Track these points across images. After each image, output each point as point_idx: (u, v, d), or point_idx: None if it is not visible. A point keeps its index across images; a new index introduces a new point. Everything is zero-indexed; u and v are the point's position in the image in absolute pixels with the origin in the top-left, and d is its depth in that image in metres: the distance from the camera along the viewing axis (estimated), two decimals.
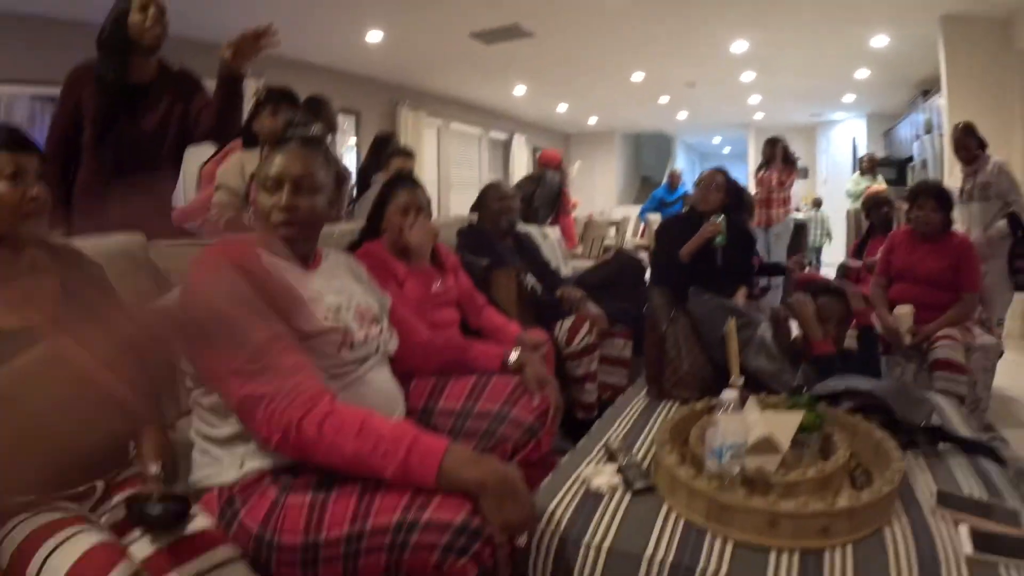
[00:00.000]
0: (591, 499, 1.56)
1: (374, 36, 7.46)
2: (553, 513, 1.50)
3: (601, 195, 15.07)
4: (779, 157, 6.82)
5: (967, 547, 1.33)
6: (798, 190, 14.04)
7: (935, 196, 3.72)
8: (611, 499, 1.56)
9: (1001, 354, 3.81)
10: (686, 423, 1.81)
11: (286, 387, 1.36)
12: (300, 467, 1.42)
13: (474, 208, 3.76)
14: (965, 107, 6.73)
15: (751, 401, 1.78)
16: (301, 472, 1.42)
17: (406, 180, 2.75)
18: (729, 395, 1.45)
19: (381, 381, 1.74)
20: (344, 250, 2.54)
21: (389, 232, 2.59)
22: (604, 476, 1.62)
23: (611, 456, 1.74)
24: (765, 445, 1.53)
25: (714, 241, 3.75)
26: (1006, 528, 1.42)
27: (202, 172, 3.94)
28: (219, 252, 1.53)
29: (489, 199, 3.66)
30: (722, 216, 3.75)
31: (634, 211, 12.41)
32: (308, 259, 1.75)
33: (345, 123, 9.25)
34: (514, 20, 7.07)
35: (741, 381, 1.91)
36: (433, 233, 2.63)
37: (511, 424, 1.91)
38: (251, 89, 6.84)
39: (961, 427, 2.16)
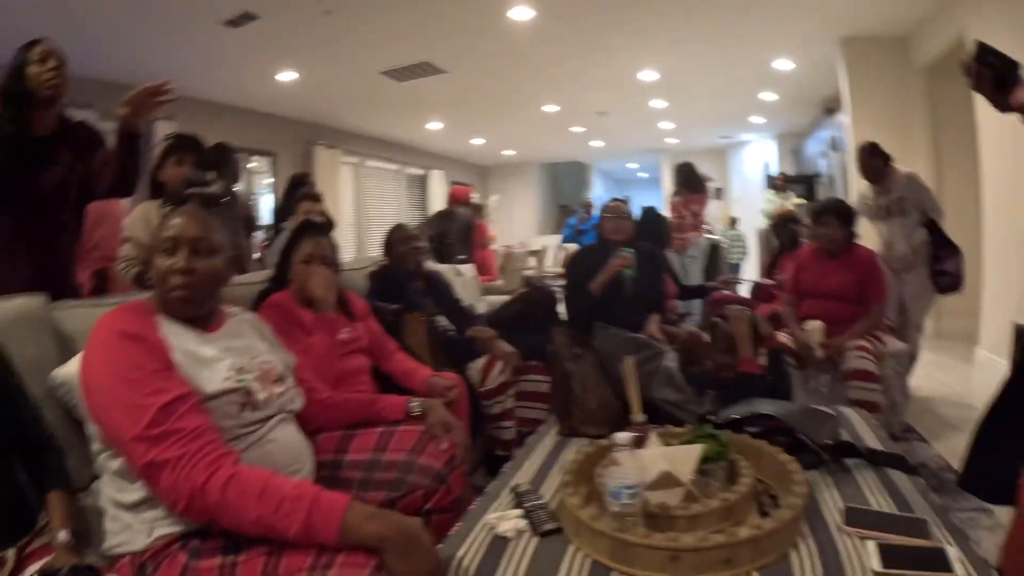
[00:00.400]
0: (498, 544, 1.51)
1: (287, 76, 7.35)
2: (460, 562, 1.45)
3: (520, 226, 15.14)
4: (686, 182, 6.95)
5: (875, 563, 1.32)
6: (714, 210, 14.41)
7: (836, 213, 3.86)
8: (518, 543, 1.51)
9: (915, 358, 3.94)
10: (591, 461, 1.78)
11: (189, 451, 1.36)
12: (209, 531, 1.40)
13: (383, 251, 3.71)
14: (868, 124, 6.98)
15: (653, 436, 1.76)
16: (209, 536, 1.40)
17: (310, 229, 2.72)
18: (623, 436, 1.42)
19: (286, 439, 1.71)
20: (254, 299, 2.58)
21: (294, 282, 2.58)
22: (510, 520, 1.58)
23: (518, 499, 1.70)
24: (666, 480, 1.51)
25: (623, 274, 3.75)
26: (914, 540, 1.42)
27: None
28: (114, 320, 1.53)
29: (395, 242, 3.62)
30: (632, 250, 3.75)
31: (554, 240, 12.54)
32: (209, 320, 1.72)
33: (261, 163, 9.18)
34: (425, 58, 7.08)
35: (643, 418, 1.89)
36: (335, 283, 2.61)
37: (420, 472, 1.91)
38: (164, 131, 6.75)
39: (871, 439, 2.17)
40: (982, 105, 5.22)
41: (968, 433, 1.68)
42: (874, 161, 4.78)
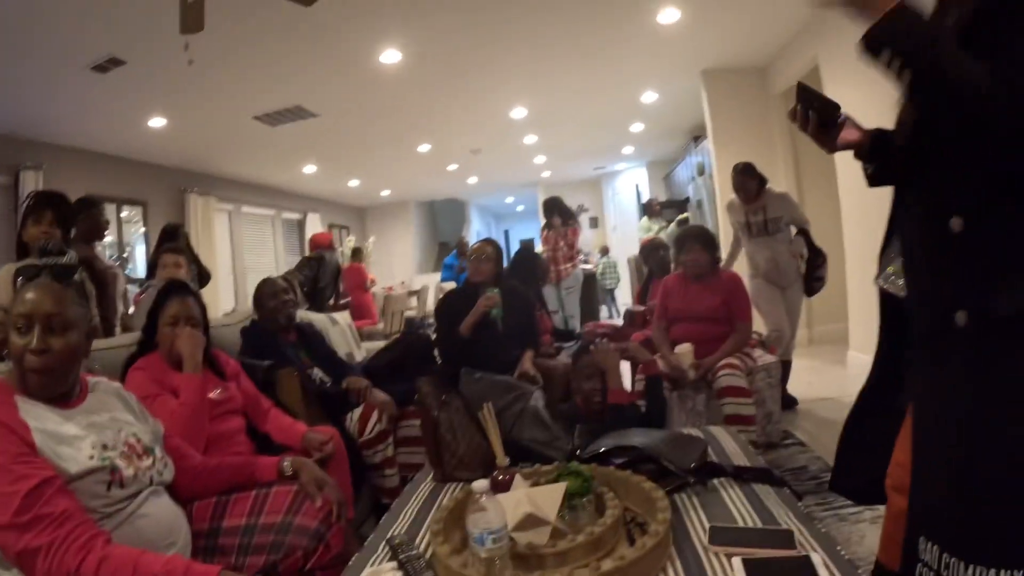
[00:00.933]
0: None
1: (157, 122, 7.11)
2: None
3: (400, 266, 15.10)
4: (556, 215, 7.07)
5: None
6: (590, 239, 14.74)
7: (699, 239, 4.00)
8: None
9: (785, 366, 4.12)
10: (462, 507, 1.75)
11: (59, 537, 1.36)
12: None
13: (253, 307, 3.62)
14: (730, 149, 7.37)
15: (517, 478, 1.76)
16: None
17: (175, 289, 2.65)
18: (480, 484, 1.41)
19: (158, 512, 1.67)
20: (123, 363, 2.50)
21: (161, 345, 2.51)
22: (386, 575, 1.54)
23: (393, 551, 1.65)
24: (531, 521, 1.50)
25: (491, 314, 3.77)
26: (779, 552, 1.45)
27: None
28: None
29: (264, 297, 3.52)
30: (496, 290, 3.78)
31: (434, 279, 12.51)
32: (70, 395, 1.66)
33: (133, 213, 8.75)
34: (296, 102, 7.01)
35: (506, 461, 1.89)
36: (202, 343, 2.53)
37: (297, 532, 1.87)
38: (32, 183, 6.43)
39: (739, 456, 2.22)
40: None
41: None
42: (748, 182, 4.95)
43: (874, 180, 1.56)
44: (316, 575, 1.83)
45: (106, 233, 4.59)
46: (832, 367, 5.96)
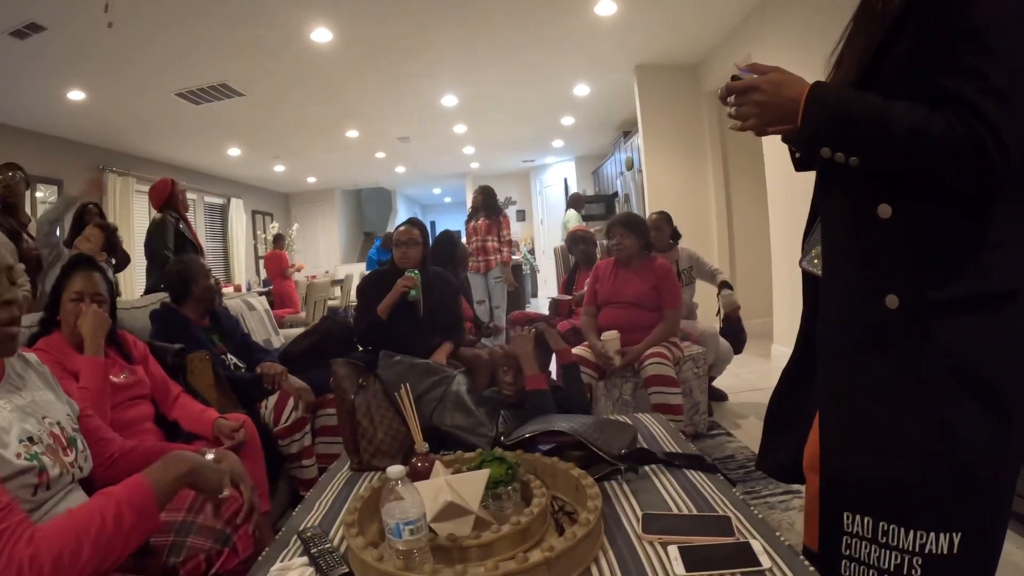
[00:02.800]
0: None
1: (76, 95, 6.72)
2: None
3: (325, 255, 14.84)
4: (484, 206, 6.96)
5: (679, 568, 1.29)
6: (518, 231, 14.75)
7: (625, 224, 3.97)
8: None
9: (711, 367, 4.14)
10: (378, 497, 1.64)
11: (8, 529, 1.17)
12: None
13: (174, 293, 3.33)
14: (660, 145, 7.50)
15: (437, 465, 1.64)
16: None
17: (82, 264, 2.46)
18: (396, 470, 1.30)
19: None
20: (24, 343, 2.29)
21: (64, 322, 2.34)
22: (295, 570, 1.41)
23: (305, 545, 1.53)
24: (452, 510, 1.40)
25: (408, 295, 3.64)
26: (717, 538, 1.41)
27: None
28: None
29: (200, 276, 3.28)
30: (416, 272, 3.66)
31: (359, 268, 12.30)
32: None
33: (47, 192, 8.17)
34: (222, 79, 6.72)
35: (425, 448, 1.77)
36: (107, 323, 2.37)
37: (199, 534, 1.69)
38: None
39: (669, 443, 2.17)
40: None
41: None
42: (662, 234, 4.85)
43: (801, 165, 1.55)
44: None
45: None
46: (757, 360, 6.03)
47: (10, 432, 1.35)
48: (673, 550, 1.36)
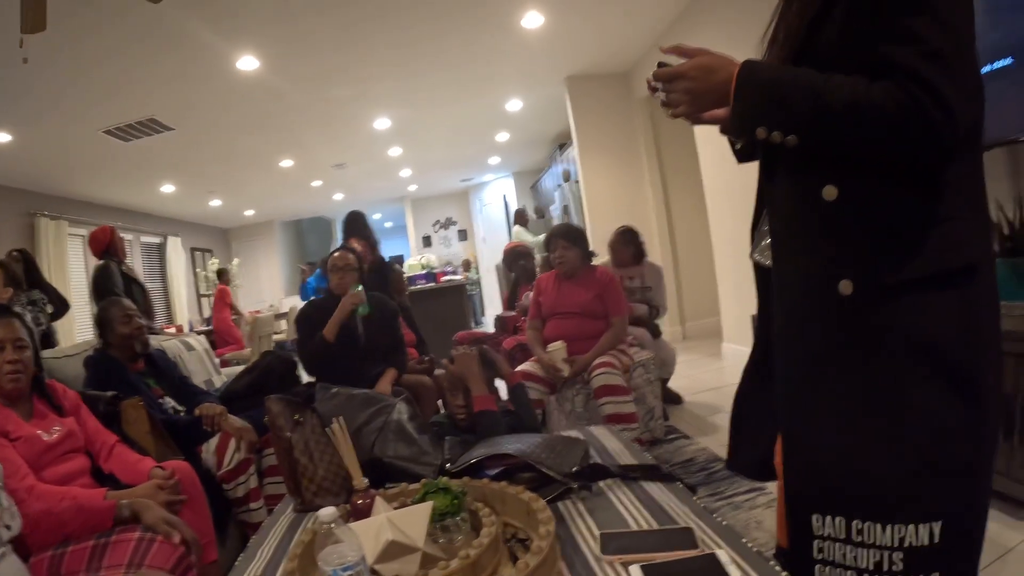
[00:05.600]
0: None
1: (1, 138, 6.48)
2: None
3: (268, 288, 14.59)
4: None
5: None
6: (459, 251, 14.75)
7: (564, 236, 3.92)
8: None
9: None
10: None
11: None
12: None
13: (98, 331, 3.24)
14: (595, 154, 7.55)
15: (379, 501, 1.55)
16: None
17: None
18: (327, 513, 1.19)
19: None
20: None
21: None
22: None
23: None
24: (395, 549, 1.30)
25: (357, 311, 3.55)
26: (681, 552, 1.34)
27: None
28: None
29: (114, 322, 3.15)
30: (360, 286, 3.57)
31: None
32: None
33: None
34: (149, 113, 6.51)
35: (365, 483, 1.67)
36: (29, 370, 2.29)
37: None
38: None
39: (623, 455, 2.10)
40: (699, 128, 5.68)
41: (726, 420, 1.66)
42: (623, 249, 4.84)
43: (743, 156, 1.51)
44: None
45: None
46: (708, 360, 6.04)
47: None
48: (635, 570, 1.28)
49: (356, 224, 6.20)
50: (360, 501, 1.60)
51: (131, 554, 1.70)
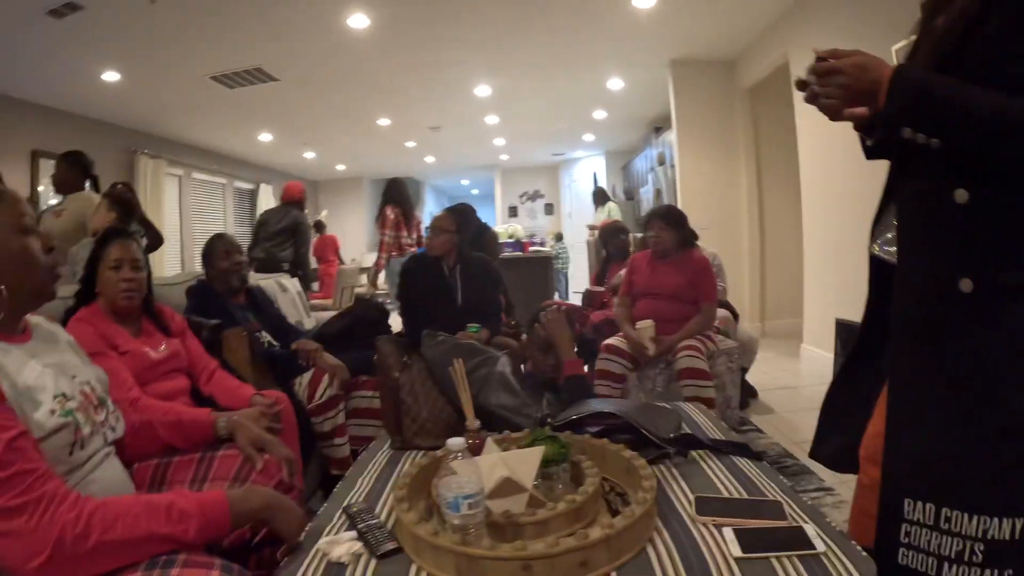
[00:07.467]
0: (334, 571, 1.33)
1: (110, 76, 6.76)
2: None
3: (352, 242, 14.84)
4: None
5: (735, 549, 1.29)
6: (544, 224, 14.75)
7: (662, 217, 3.94)
8: (355, 568, 1.34)
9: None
10: (427, 474, 1.63)
11: (48, 492, 1.14)
12: None
13: (203, 262, 3.44)
14: (693, 141, 7.46)
15: (489, 442, 1.64)
16: None
17: (116, 234, 2.49)
18: (456, 443, 1.28)
19: (109, 477, 1.46)
20: (60, 319, 2.28)
21: (103, 294, 2.36)
22: (343, 544, 1.40)
23: (351, 520, 1.53)
24: (507, 487, 1.39)
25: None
26: (771, 522, 1.41)
27: None
28: None
29: (216, 257, 3.34)
30: (478, 327, 3.64)
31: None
32: (17, 330, 1.44)
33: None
34: (257, 63, 6.74)
35: (477, 424, 1.76)
36: (144, 287, 2.43)
37: None
38: None
39: (712, 431, 2.16)
40: (802, 124, 5.61)
41: (799, 419, 1.70)
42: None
43: (873, 152, 1.53)
44: (265, 551, 1.62)
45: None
46: (786, 359, 5.99)
47: (44, 390, 1.33)
48: (728, 532, 1.35)
49: (392, 190, 6.33)
50: (472, 441, 1.70)
51: (238, 468, 1.76)
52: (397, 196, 6.35)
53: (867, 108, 1.31)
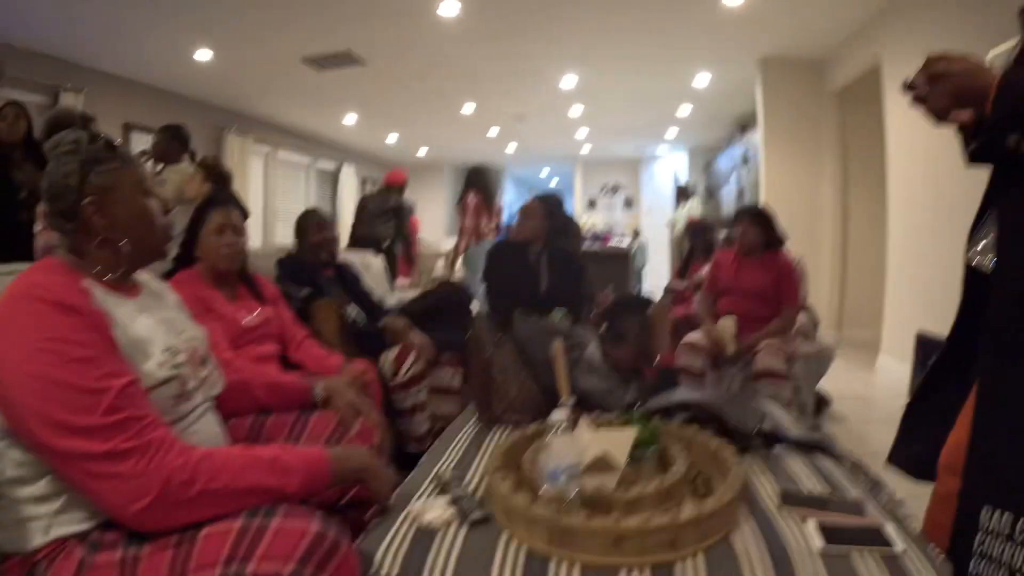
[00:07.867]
0: (424, 536, 1.41)
1: (203, 55, 6.99)
2: (385, 555, 1.34)
3: (430, 227, 15.00)
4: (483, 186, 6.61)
5: (817, 541, 1.33)
6: (622, 219, 14.65)
7: (751, 214, 3.92)
8: (445, 534, 1.41)
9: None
10: (518, 449, 1.71)
11: (157, 437, 1.20)
12: (108, 525, 1.22)
13: (295, 234, 3.57)
14: (779, 141, 7.30)
15: (583, 421, 1.70)
16: (108, 529, 1.22)
17: (219, 200, 2.62)
18: (559, 415, 1.35)
19: (207, 431, 1.53)
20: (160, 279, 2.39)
21: (204, 258, 2.48)
22: (436, 510, 1.47)
23: (443, 488, 1.61)
24: (601, 464, 1.45)
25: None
26: (852, 518, 1.44)
27: None
28: (42, 286, 1.26)
29: (309, 231, 3.48)
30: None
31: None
32: (130, 287, 1.51)
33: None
34: (347, 46, 6.87)
35: (572, 401, 1.83)
36: (244, 253, 2.56)
37: None
38: (71, 103, 6.40)
39: (792, 428, 2.18)
40: (892, 131, 5.49)
41: (871, 431, 1.72)
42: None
43: (975, 157, 1.50)
44: (351, 513, 1.66)
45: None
46: (861, 370, 5.88)
47: (154, 343, 1.39)
48: (811, 524, 1.39)
49: (476, 176, 6.37)
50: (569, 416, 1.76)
51: (333, 429, 1.82)
52: (480, 183, 6.42)
53: (969, 112, 1.32)
